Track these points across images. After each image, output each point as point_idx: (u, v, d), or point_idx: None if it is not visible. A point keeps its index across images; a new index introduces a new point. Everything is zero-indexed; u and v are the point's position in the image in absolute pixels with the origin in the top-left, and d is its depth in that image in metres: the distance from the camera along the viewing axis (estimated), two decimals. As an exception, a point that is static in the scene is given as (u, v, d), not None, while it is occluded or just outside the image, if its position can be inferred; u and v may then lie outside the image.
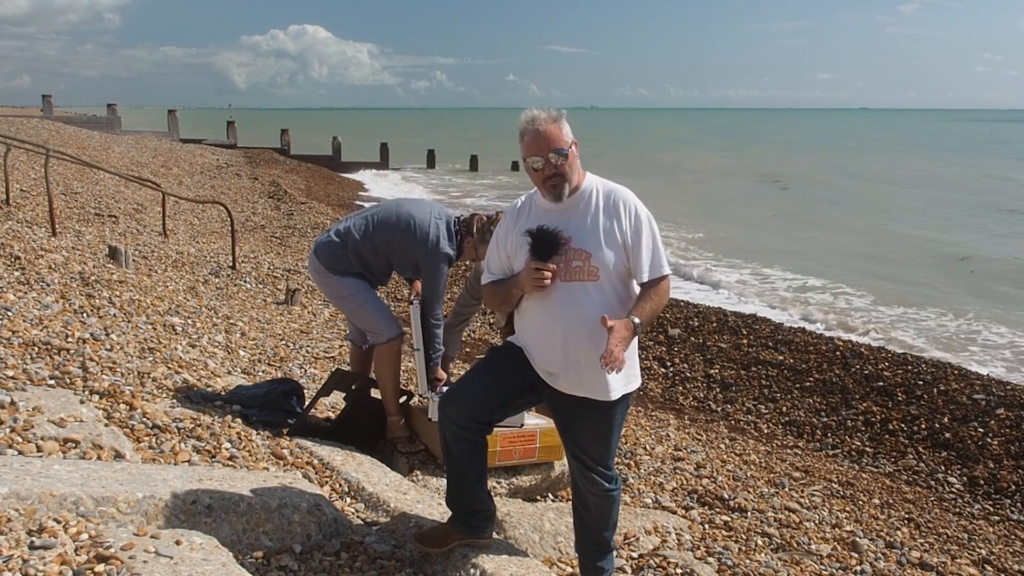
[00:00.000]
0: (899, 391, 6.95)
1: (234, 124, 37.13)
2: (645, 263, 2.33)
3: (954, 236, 18.86)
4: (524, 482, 3.63)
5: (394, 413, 3.72)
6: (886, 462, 5.99)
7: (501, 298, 2.51)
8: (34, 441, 2.55)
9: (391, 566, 2.51)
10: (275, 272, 9.33)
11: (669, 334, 8.56)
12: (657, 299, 2.33)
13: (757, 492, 4.55)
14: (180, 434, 3.08)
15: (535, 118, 2.30)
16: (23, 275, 4.80)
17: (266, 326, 6.26)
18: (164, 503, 2.24)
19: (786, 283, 13.83)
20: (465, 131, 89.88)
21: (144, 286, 5.89)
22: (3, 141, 9.94)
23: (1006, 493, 5.40)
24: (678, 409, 6.94)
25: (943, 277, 14.39)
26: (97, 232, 9.32)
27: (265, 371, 4.84)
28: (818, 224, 20.99)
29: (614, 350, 2.10)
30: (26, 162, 12.92)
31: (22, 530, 1.91)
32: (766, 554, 3.67)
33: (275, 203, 17.41)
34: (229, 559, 2.08)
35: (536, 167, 2.31)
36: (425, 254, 3.50)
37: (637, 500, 4.13)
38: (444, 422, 2.46)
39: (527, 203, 2.48)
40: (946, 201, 25.86)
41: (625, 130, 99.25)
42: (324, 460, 3.27)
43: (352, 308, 3.64)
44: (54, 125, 25.42)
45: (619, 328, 2.15)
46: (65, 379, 3.21)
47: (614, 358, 2.10)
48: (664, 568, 3.10)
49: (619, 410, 2.45)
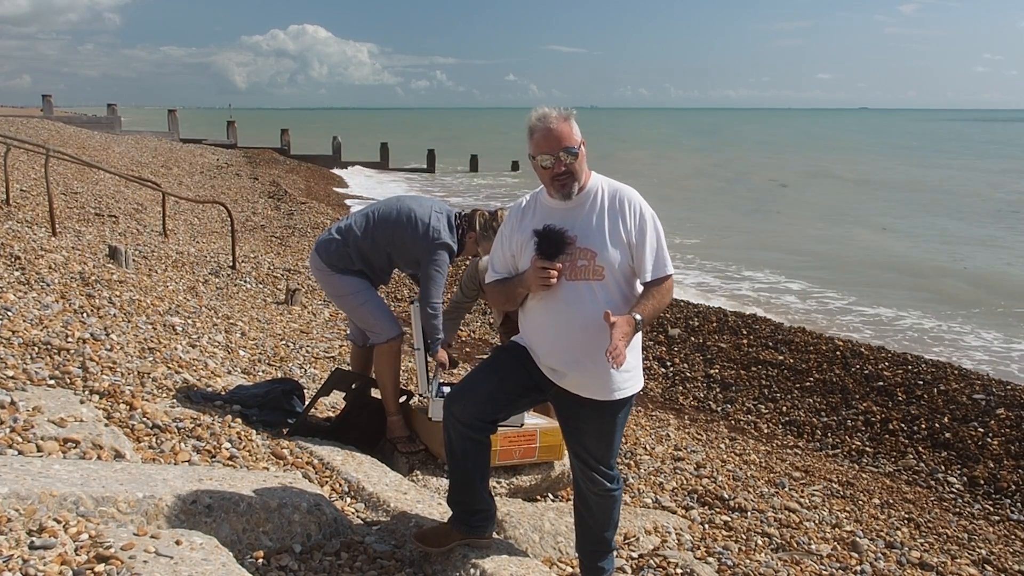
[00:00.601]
0: (899, 391, 6.95)
1: (234, 124, 37.13)
2: (649, 262, 2.34)
3: (892, 239, 18.79)
4: (524, 482, 3.63)
5: (394, 413, 3.72)
6: (886, 462, 5.99)
7: (506, 297, 2.51)
8: (34, 441, 2.55)
9: (391, 566, 2.51)
10: (275, 272, 9.33)
11: (669, 334, 8.56)
12: (659, 297, 2.34)
13: (757, 492, 4.56)
14: (180, 434, 3.08)
15: (546, 116, 2.31)
16: (23, 275, 4.80)
17: (266, 326, 6.26)
18: (164, 503, 2.24)
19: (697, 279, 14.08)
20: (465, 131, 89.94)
21: (144, 286, 5.89)
22: (3, 141, 9.94)
23: (1006, 493, 5.40)
24: (678, 409, 6.94)
25: (861, 275, 14.54)
26: (97, 232, 9.32)
27: (265, 371, 4.84)
28: (750, 221, 21.28)
29: (618, 344, 2.11)
30: (26, 162, 12.92)
31: (22, 530, 1.91)
32: (766, 554, 3.67)
33: (275, 203, 17.41)
34: (229, 559, 2.08)
35: (546, 165, 2.32)
36: (425, 245, 3.50)
37: (637, 500, 4.13)
38: (449, 420, 2.46)
39: (532, 202, 2.48)
40: (905, 201, 26.09)
41: (606, 129, 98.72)
42: (324, 460, 3.27)
43: (353, 307, 3.65)
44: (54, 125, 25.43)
45: (621, 323, 2.16)
46: (65, 379, 3.21)
47: (618, 352, 2.10)
48: (664, 568, 3.10)
49: (622, 410, 2.46)
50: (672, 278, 2.39)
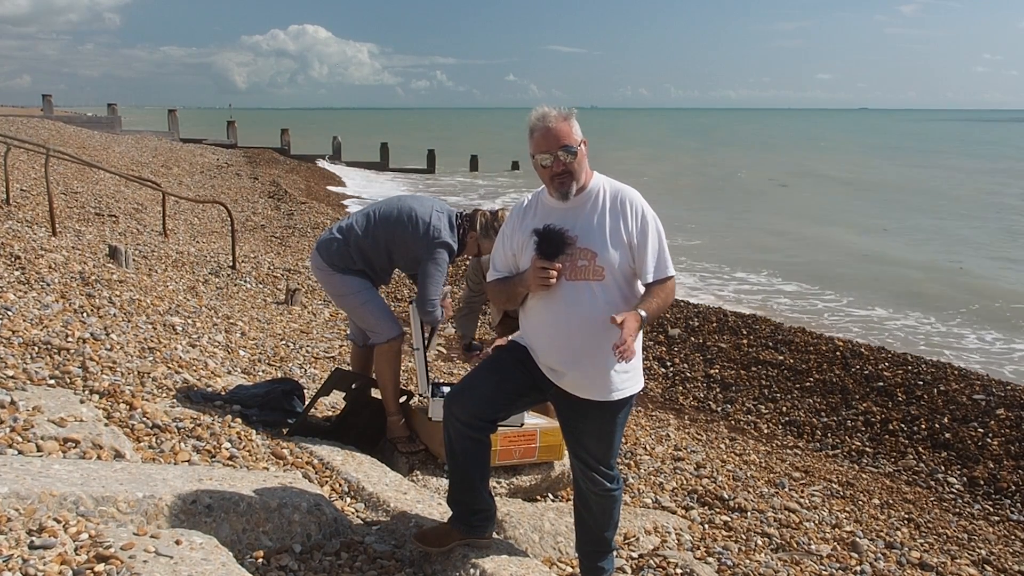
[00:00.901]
0: (899, 391, 6.95)
1: (234, 124, 37.13)
2: (650, 264, 2.34)
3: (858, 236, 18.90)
4: (524, 482, 3.62)
5: (394, 413, 3.72)
6: (886, 462, 5.99)
7: (506, 296, 2.52)
8: (34, 441, 2.55)
9: (391, 566, 2.51)
10: (275, 272, 9.33)
11: (669, 334, 8.56)
12: (663, 297, 2.35)
13: (757, 492, 4.56)
14: (180, 434, 3.08)
15: (545, 115, 2.32)
16: (23, 275, 4.80)
17: (266, 326, 6.27)
18: (164, 503, 2.24)
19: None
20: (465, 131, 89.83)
21: (144, 286, 5.89)
22: (3, 141, 9.94)
23: (1006, 493, 5.40)
24: (678, 409, 6.94)
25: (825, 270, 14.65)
26: (97, 232, 9.32)
27: (265, 371, 4.84)
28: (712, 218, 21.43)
29: (627, 339, 2.13)
30: (26, 162, 12.93)
31: (22, 530, 1.91)
32: (766, 554, 3.67)
33: (275, 203, 17.41)
34: (229, 559, 2.08)
35: (545, 164, 2.33)
36: (426, 244, 3.51)
37: (637, 500, 4.13)
38: (449, 419, 2.47)
39: (534, 201, 2.49)
40: (880, 200, 26.20)
41: (599, 130, 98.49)
42: (324, 460, 3.27)
43: (353, 306, 3.65)
44: (54, 125, 25.44)
45: (630, 320, 2.17)
46: (65, 379, 3.21)
47: (627, 347, 2.12)
48: (664, 568, 3.10)
49: (622, 410, 2.46)
50: (674, 279, 2.40)
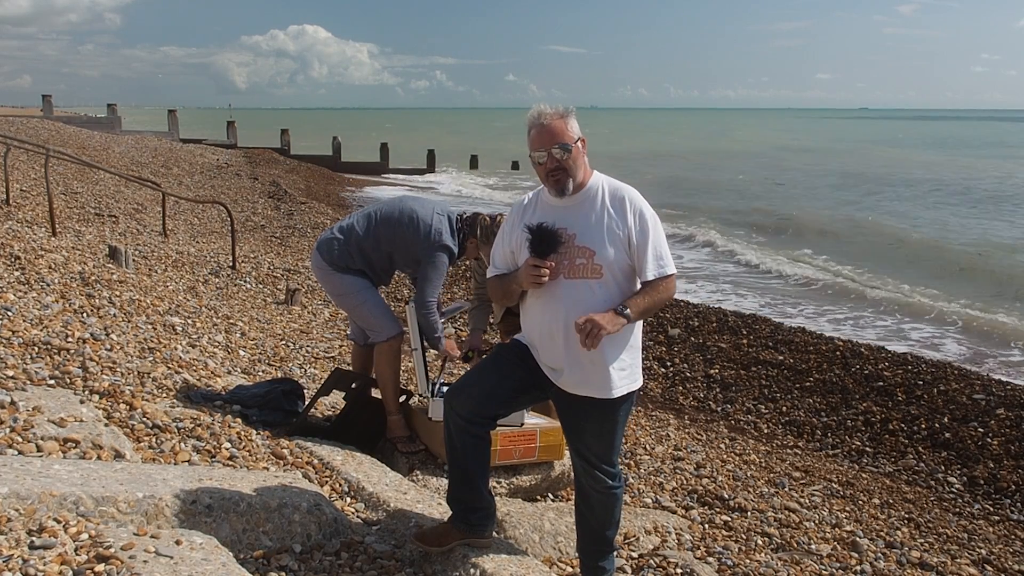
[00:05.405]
0: (899, 391, 6.95)
1: (234, 124, 37.10)
2: (649, 262, 2.35)
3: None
4: (524, 482, 3.62)
5: (394, 413, 3.72)
6: (886, 462, 5.99)
7: (503, 292, 2.55)
8: (34, 441, 2.55)
9: (391, 566, 2.51)
10: (275, 272, 9.33)
11: (669, 334, 8.56)
12: (655, 295, 2.35)
13: (757, 492, 4.56)
14: (180, 434, 3.08)
15: (542, 113, 2.35)
16: (23, 275, 4.80)
17: (266, 326, 6.27)
18: (164, 503, 2.24)
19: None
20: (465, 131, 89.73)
21: (144, 286, 5.89)
22: (3, 141, 9.95)
23: (1006, 493, 5.40)
24: (678, 409, 6.94)
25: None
26: (97, 232, 9.32)
27: (265, 371, 4.84)
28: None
29: (596, 320, 2.17)
30: (26, 162, 12.92)
31: (22, 530, 1.91)
32: (766, 554, 3.67)
33: (275, 203, 17.40)
34: (229, 559, 2.08)
35: (540, 161, 2.35)
36: (426, 245, 3.52)
37: (637, 500, 4.13)
38: (449, 415, 2.47)
39: (534, 199, 2.52)
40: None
41: (599, 130, 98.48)
42: (324, 460, 3.27)
43: (353, 306, 3.65)
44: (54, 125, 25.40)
45: (597, 319, 2.20)
46: (65, 379, 3.21)
47: (593, 323, 2.17)
48: (664, 568, 3.10)
49: (623, 408, 2.47)
50: (674, 277, 2.40)
